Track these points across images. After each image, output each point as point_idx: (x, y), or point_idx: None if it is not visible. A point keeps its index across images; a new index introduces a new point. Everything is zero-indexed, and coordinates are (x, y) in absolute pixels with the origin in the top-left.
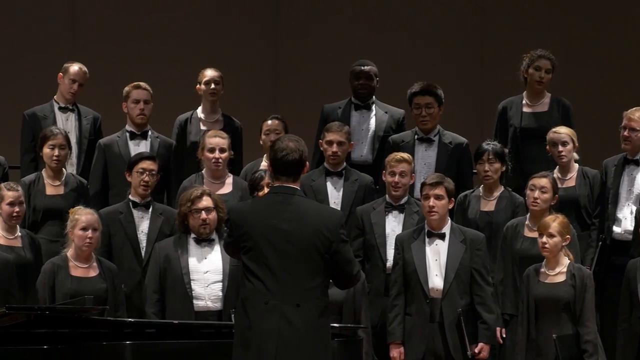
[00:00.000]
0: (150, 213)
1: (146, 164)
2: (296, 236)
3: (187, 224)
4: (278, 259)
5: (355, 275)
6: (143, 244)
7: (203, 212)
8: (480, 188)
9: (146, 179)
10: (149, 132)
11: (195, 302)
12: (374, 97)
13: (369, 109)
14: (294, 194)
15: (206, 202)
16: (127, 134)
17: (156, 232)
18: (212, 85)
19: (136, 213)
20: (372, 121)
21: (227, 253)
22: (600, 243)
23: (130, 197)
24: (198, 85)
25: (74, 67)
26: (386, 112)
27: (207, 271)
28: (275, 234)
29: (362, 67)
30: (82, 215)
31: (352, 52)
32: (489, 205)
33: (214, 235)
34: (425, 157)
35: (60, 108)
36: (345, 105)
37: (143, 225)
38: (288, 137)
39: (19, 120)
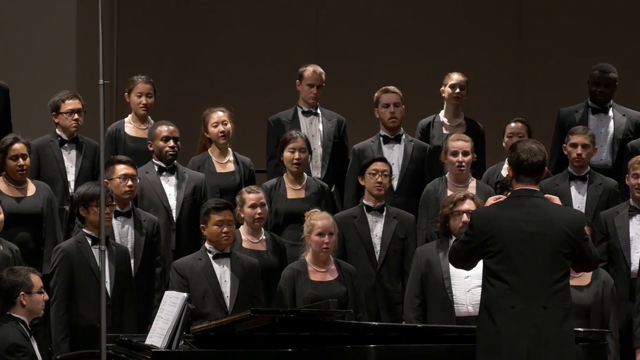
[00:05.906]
0: (384, 217)
1: (377, 166)
2: (543, 238)
3: (448, 226)
4: (525, 261)
5: (596, 257)
6: (377, 247)
7: (464, 215)
8: None
9: (379, 179)
10: (403, 136)
11: (455, 307)
12: (611, 100)
13: (607, 112)
14: (537, 197)
15: (468, 205)
16: (380, 138)
17: (390, 236)
18: (458, 90)
19: (370, 217)
20: (611, 124)
21: (452, 255)
22: None
23: (364, 201)
24: (443, 87)
25: (308, 72)
26: (624, 115)
27: (467, 276)
28: (523, 237)
29: (605, 74)
30: (318, 220)
31: (594, 54)
32: None
33: None
34: None
35: (303, 112)
36: (583, 109)
37: (377, 229)
38: (530, 140)
39: (265, 125)
